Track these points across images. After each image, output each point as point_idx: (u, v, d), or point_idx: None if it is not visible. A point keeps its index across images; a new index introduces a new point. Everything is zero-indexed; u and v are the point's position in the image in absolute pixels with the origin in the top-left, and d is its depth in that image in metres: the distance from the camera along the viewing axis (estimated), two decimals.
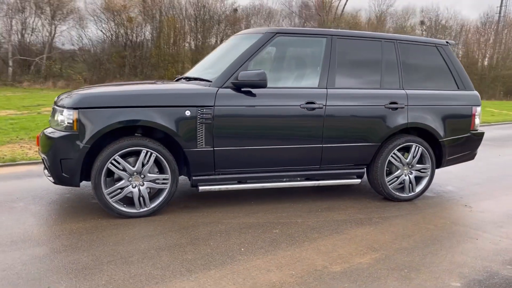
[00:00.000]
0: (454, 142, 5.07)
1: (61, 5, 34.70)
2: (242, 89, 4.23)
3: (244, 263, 3.20)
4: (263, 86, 4.17)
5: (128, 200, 4.09)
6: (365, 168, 4.85)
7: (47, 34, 35.24)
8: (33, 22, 35.02)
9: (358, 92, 4.65)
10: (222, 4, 36.71)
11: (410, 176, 4.91)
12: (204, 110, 4.08)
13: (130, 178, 3.99)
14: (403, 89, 4.83)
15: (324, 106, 4.44)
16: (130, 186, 4.00)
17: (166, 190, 4.11)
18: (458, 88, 5.14)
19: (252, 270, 3.08)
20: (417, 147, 4.86)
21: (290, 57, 4.80)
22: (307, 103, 4.39)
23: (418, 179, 5.00)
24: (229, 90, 4.20)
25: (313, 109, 4.41)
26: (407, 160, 4.85)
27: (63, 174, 3.89)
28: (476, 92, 5.25)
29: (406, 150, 4.88)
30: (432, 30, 37.05)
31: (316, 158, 4.54)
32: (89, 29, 35.68)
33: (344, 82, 4.64)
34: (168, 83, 4.69)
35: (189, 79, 4.72)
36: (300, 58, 4.82)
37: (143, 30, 34.14)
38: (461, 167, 6.14)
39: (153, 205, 4.10)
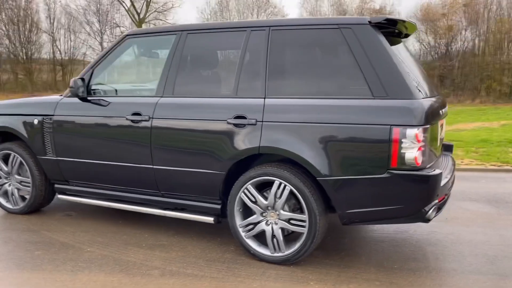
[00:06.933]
0: (353, 185, 3.02)
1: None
2: (89, 98, 4.02)
3: None
4: (75, 94, 3.88)
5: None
6: (219, 204, 3.57)
7: None
8: None
9: (196, 102, 3.51)
10: None
11: (274, 226, 3.29)
12: (47, 119, 4.13)
13: (6, 179, 4.51)
14: (264, 98, 3.28)
15: (150, 119, 3.62)
16: (6, 185, 4.52)
17: (30, 194, 4.39)
18: (373, 95, 3.00)
19: None
20: (282, 185, 3.20)
21: (142, 61, 4.09)
22: (133, 114, 3.70)
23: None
24: (75, 99, 4.06)
25: (138, 121, 3.67)
26: (266, 202, 3.28)
27: None
28: (409, 102, 2.88)
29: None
30: None
31: (150, 182, 3.74)
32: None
33: (188, 89, 3.60)
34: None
35: None
36: (150, 62, 4.03)
37: (461, 37, 31.52)
38: None
39: (21, 205, 4.47)
